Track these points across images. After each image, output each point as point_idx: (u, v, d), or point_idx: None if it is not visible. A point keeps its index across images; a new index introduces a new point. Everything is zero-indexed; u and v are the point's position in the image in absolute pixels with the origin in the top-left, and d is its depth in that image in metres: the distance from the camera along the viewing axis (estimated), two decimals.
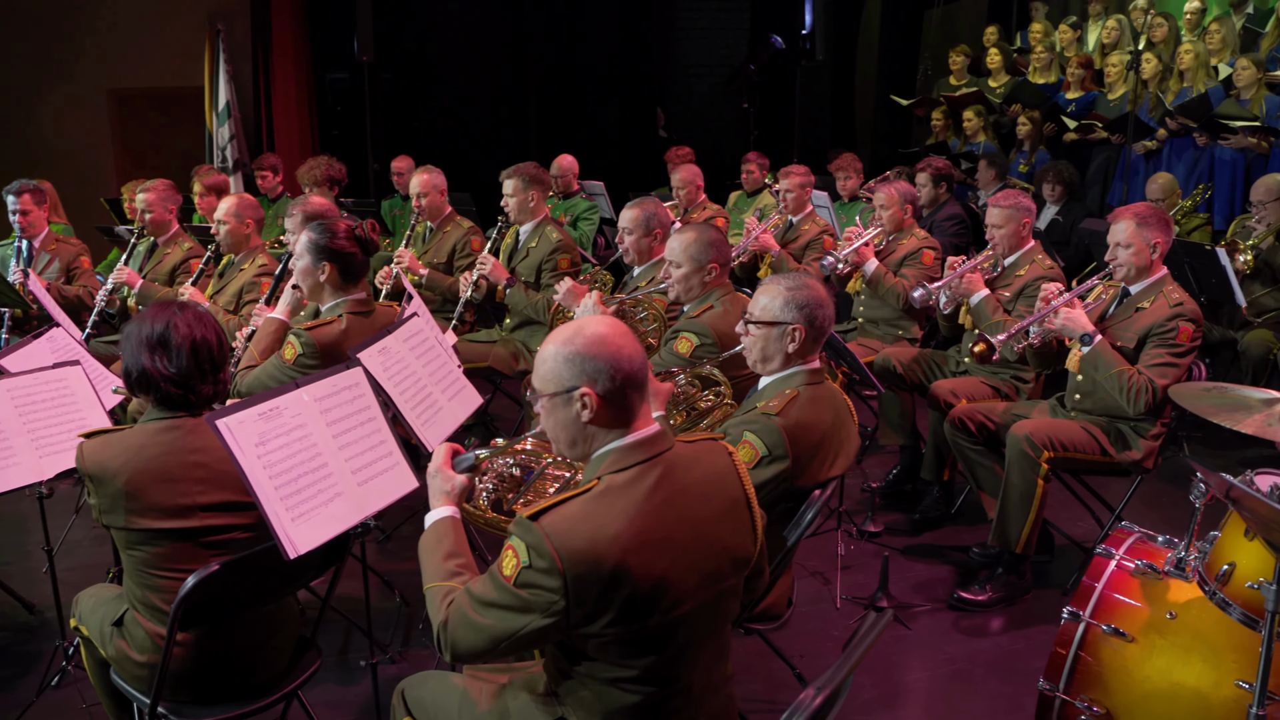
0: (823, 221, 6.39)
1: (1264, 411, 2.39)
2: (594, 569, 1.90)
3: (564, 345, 2.05)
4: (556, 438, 2.12)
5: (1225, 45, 7.49)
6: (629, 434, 2.06)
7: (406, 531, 4.59)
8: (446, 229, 5.70)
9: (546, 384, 2.07)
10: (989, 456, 4.26)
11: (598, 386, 2.02)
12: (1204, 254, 5.27)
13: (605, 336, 2.05)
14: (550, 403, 2.08)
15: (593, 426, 2.05)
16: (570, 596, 1.90)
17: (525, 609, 1.94)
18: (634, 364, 2.05)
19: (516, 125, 10.52)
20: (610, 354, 2.03)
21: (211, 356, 2.61)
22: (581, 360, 2.03)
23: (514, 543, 1.96)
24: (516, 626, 1.96)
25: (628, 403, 2.05)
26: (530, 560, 1.92)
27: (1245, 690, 2.56)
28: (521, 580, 1.93)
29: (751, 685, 3.53)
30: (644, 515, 1.97)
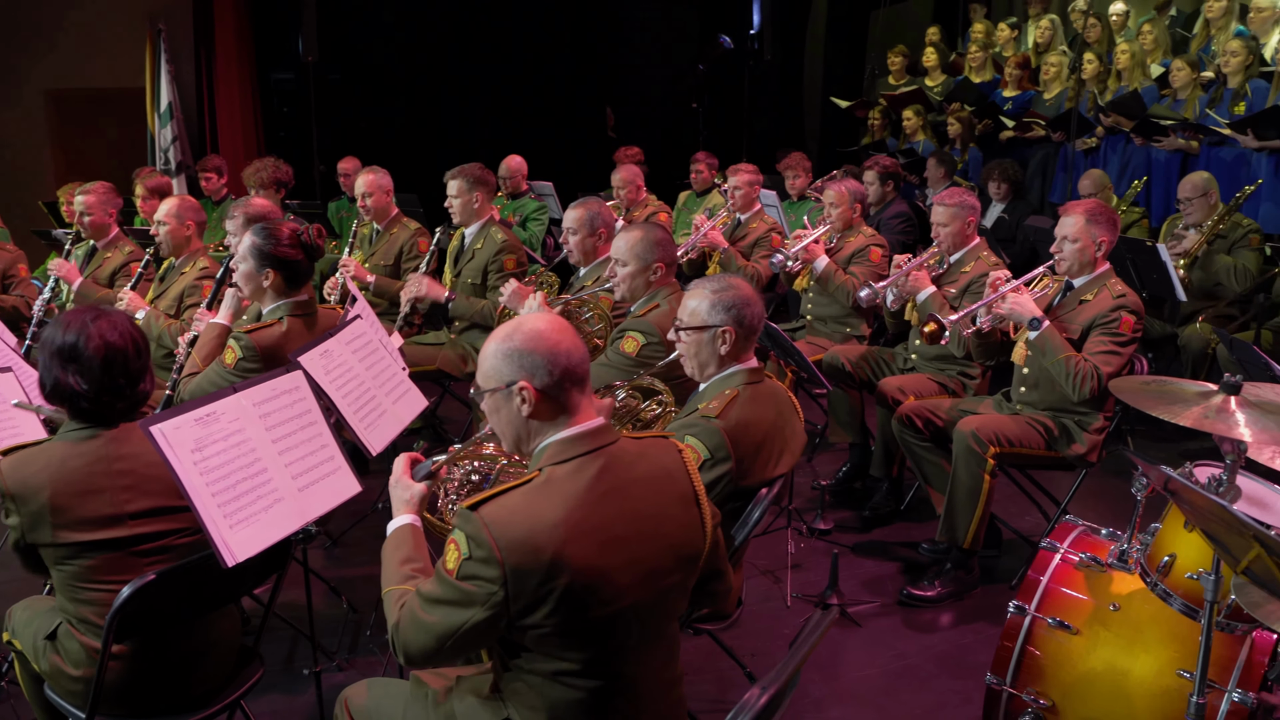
0: (770, 220, 6.41)
1: (1201, 404, 2.41)
2: (532, 558, 1.90)
3: (503, 342, 2.09)
4: (502, 434, 2.15)
5: (1158, 45, 7.65)
6: (570, 427, 2.07)
7: (355, 537, 4.53)
8: (393, 230, 5.64)
9: (488, 381, 2.11)
10: (936, 453, 4.29)
11: (536, 380, 2.05)
12: (1145, 250, 5.34)
13: (542, 332, 2.08)
14: (493, 400, 2.11)
15: (534, 421, 2.08)
16: (509, 587, 1.91)
17: (467, 603, 1.94)
18: (572, 358, 2.07)
19: (464, 126, 10.45)
20: (548, 348, 2.06)
21: (126, 369, 2.53)
22: (519, 355, 2.06)
23: (455, 535, 1.96)
24: (460, 622, 1.95)
25: (567, 396, 2.07)
26: (470, 551, 1.93)
27: (1187, 679, 2.59)
28: (463, 572, 1.94)
29: (702, 685, 3.52)
30: (584, 506, 1.98)
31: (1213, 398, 2.43)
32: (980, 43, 9.13)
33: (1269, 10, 6.87)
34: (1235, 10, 7.28)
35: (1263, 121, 6.17)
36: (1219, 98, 6.75)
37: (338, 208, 8.02)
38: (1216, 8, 7.26)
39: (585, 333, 4.15)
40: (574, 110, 10.88)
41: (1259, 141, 6.29)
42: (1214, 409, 2.39)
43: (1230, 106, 6.63)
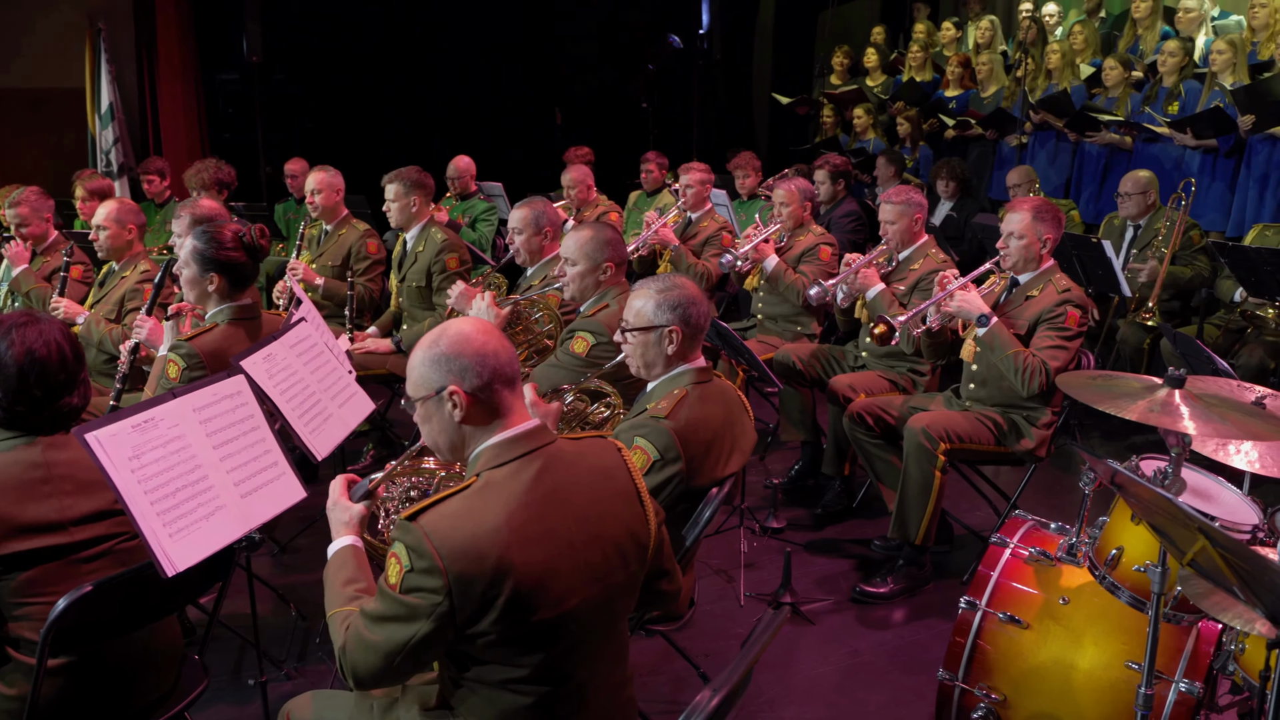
0: (721, 219, 6.41)
1: (1146, 398, 2.43)
2: (476, 565, 1.87)
3: (429, 349, 2.07)
4: (436, 444, 2.12)
5: (1088, 46, 7.82)
6: (505, 430, 2.05)
7: (302, 544, 4.47)
8: (342, 231, 5.56)
9: (417, 390, 2.09)
10: (888, 450, 4.30)
11: (465, 384, 2.02)
12: (1091, 246, 5.41)
13: (468, 334, 2.06)
14: (424, 408, 2.08)
15: (467, 426, 2.05)
16: (454, 596, 1.87)
17: (412, 616, 1.90)
18: (500, 358, 2.05)
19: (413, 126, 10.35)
20: (474, 351, 2.03)
21: (45, 380, 2.44)
22: (446, 360, 2.04)
23: (395, 548, 1.92)
24: (406, 637, 1.91)
25: (498, 398, 2.05)
26: (411, 563, 1.89)
27: (1135, 670, 2.62)
28: (405, 585, 1.90)
29: (656, 686, 3.50)
30: (525, 508, 1.95)
31: (1157, 392, 2.45)
32: (921, 43, 9.24)
33: (1195, 12, 7.01)
34: (1160, 11, 7.45)
35: (1201, 121, 6.29)
36: (1154, 96, 6.87)
37: (284, 210, 7.91)
38: (1143, 8, 7.45)
39: (535, 333, 4.12)
40: (523, 110, 10.82)
41: (1196, 140, 6.40)
42: (1159, 403, 2.41)
43: (1165, 105, 6.75)
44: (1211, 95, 6.41)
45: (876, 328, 4.16)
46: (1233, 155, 6.36)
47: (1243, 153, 6.29)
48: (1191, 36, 7.04)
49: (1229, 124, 6.15)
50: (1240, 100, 6.01)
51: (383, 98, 10.41)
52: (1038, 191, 6.70)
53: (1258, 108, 5.92)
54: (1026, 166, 6.94)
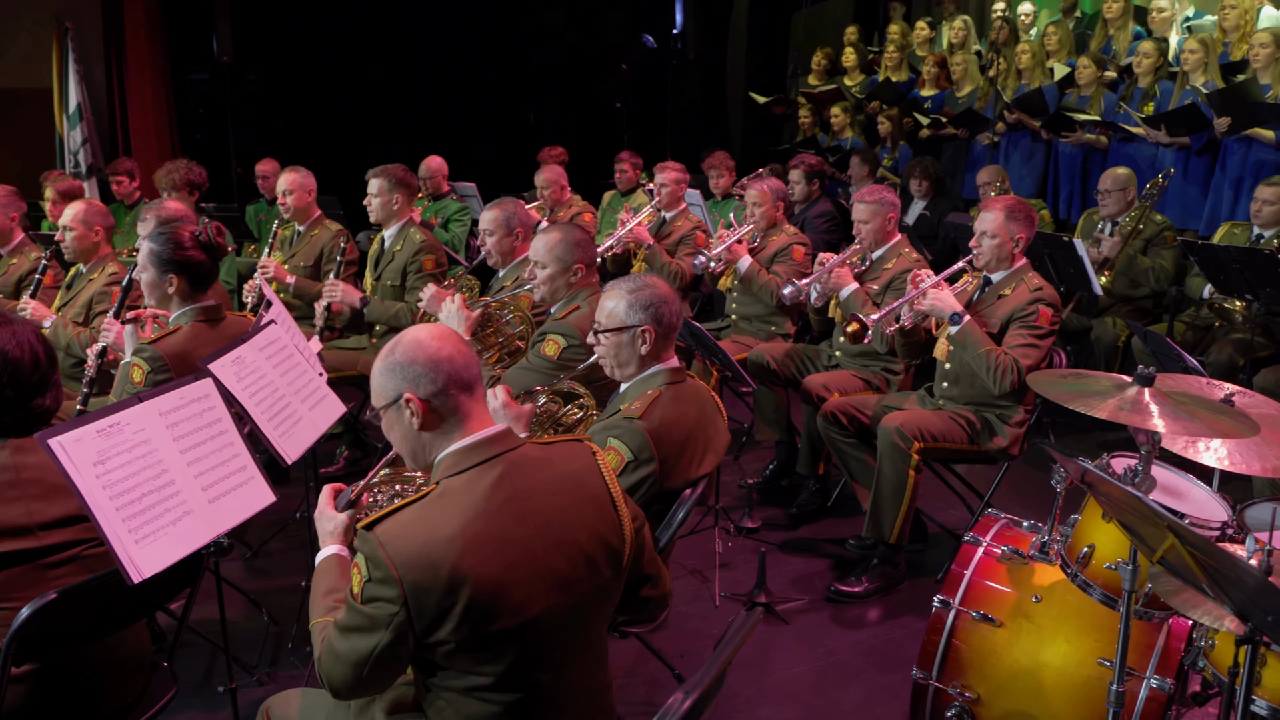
0: (695, 218, 6.41)
1: (1116, 397, 2.44)
2: (430, 574, 1.86)
3: (385, 359, 2.08)
4: (401, 451, 2.12)
5: (1062, 46, 7.85)
6: (465, 436, 2.04)
7: (275, 547, 4.43)
8: (314, 232, 5.52)
9: (378, 399, 2.09)
10: (861, 449, 4.31)
11: (419, 390, 2.02)
12: (1063, 245, 5.43)
13: (421, 341, 2.05)
14: (386, 418, 2.09)
15: (426, 433, 2.05)
16: (410, 606, 1.86)
17: (372, 627, 1.90)
18: (455, 364, 2.04)
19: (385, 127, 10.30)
20: (428, 357, 2.03)
21: (17, 381, 2.42)
22: (400, 368, 2.04)
23: (357, 559, 1.92)
24: (369, 648, 1.91)
25: (455, 404, 2.04)
26: (369, 572, 1.89)
27: (1107, 668, 2.64)
28: (365, 595, 1.90)
29: (632, 688, 3.49)
30: (482, 516, 1.93)
31: (1127, 390, 2.46)
32: (897, 43, 9.27)
33: (1168, 12, 7.07)
34: (1131, 11, 7.51)
35: (1175, 119, 6.33)
36: (1129, 96, 6.92)
37: (256, 211, 7.85)
38: (1115, 8, 7.50)
39: (507, 335, 4.10)
40: (496, 110, 10.79)
41: (1170, 138, 6.45)
42: (1129, 401, 2.42)
43: (1140, 105, 6.80)
44: (1184, 94, 6.46)
45: (849, 326, 4.17)
46: (1205, 154, 6.41)
47: (1216, 152, 6.34)
48: (1165, 36, 7.09)
49: (1203, 122, 6.19)
50: (1216, 102, 6.05)
51: (355, 97, 10.36)
52: (1008, 190, 6.75)
53: (1234, 110, 5.95)
54: (997, 165, 6.98)
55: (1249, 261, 4.77)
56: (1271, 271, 4.67)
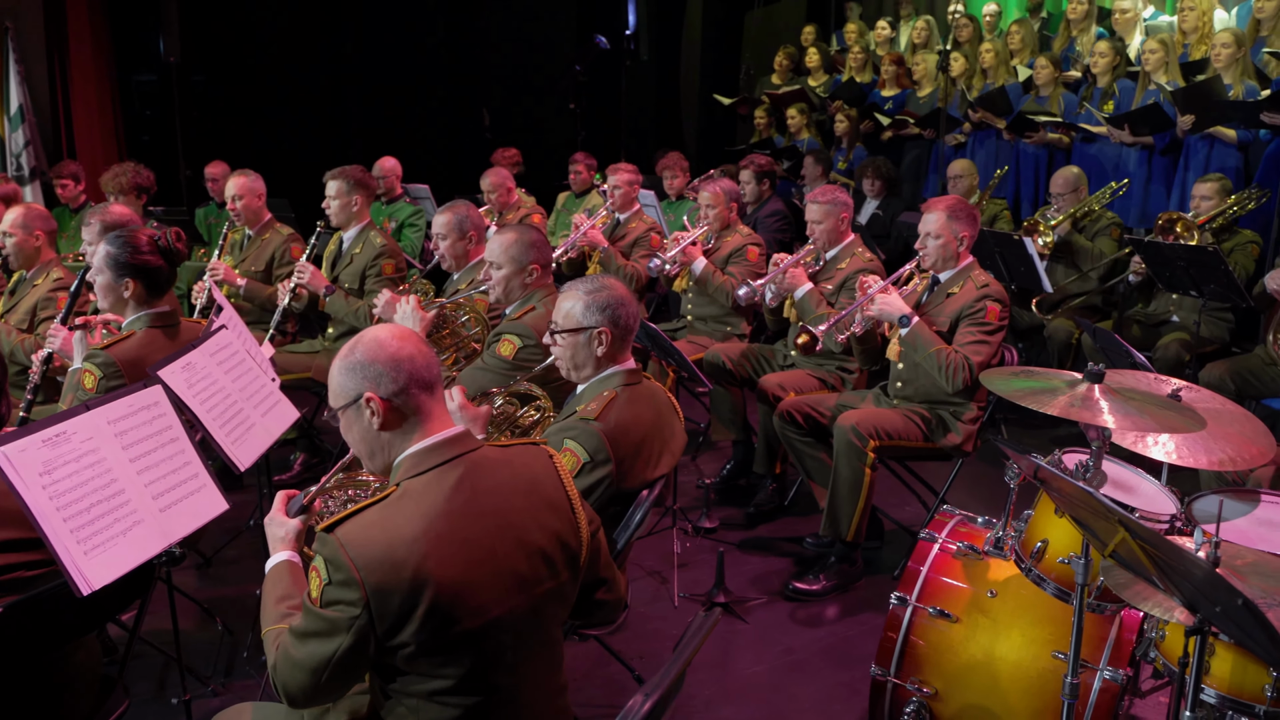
0: (649, 219, 6.41)
1: (1067, 393, 2.48)
2: (393, 575, 1.84)
3: (344, 358, 2.06)
4: (360, 452, 2.11)
5: (1025, 46, 7.93)
6: (425, 437, 2.03)
7: (228, 555, 4.37)
8: (265, 236, 5.46)
9: (337, 399, 2.07)
10: (818, 447, 4.34)
11: (380, 390, 2.01)
12: (1012, 243, 5.50)
13: (382, 340, 2.04)
14: (345, 417, 2.07)
15: (385, 433, 2.04)
16: (372, 608, 1.84)
17: (332, 631, 1.87)
18: (416, 363, 2.04)
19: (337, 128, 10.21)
20: (388, 356, 2.02)
21: None
22: (361, 367, 2.03)
23: (316, 562, 1.89)
24: (329, 652, 1.88)
25: (416, 404, 2.03)
26: (329, 575, 1.86)
27: (1061, 660, 2.67)
28: (325, 598, 1.87)
29: (591, 690, 3.48)
30: (444, 517, 1.92)
31: (1078, 386, 2.50)
32: (859, 43, 9.31)
33: (1131, 13, 7.18)
34: (1094, 13, 7.61)
35: (1138, 118, 6.41)
36: (1089, 96, 7.01)
37: (205, 214, 7.75)
38: (1078, 10, 7.58)
39: (462, 336, 4.08)
40: (449, 111, 10.73)
41: (1133, 137, 6.54)
42: (1079, 397, 2.45)
43: (1100, 104, 6.89)
44: (1146, 94, 6.53)
45: (800, 338, 4.21)
46: (1169, 153, 6.49)
47: (1179, 151, 6.43)
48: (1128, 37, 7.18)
49: (1166, 121, 6.27)
50: (1181, 101, 6.13)
51: (306, 98, 10.25)
52: (974, 187, 6.84)
53: (1197, 108, 6.04)
54: (968, 161, 7.05)
55: (1193, 258, 4.85)
56: (1215, 268, 4.76)
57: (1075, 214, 6.07)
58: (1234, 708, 2.25)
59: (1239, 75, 6.03)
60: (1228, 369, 4.76)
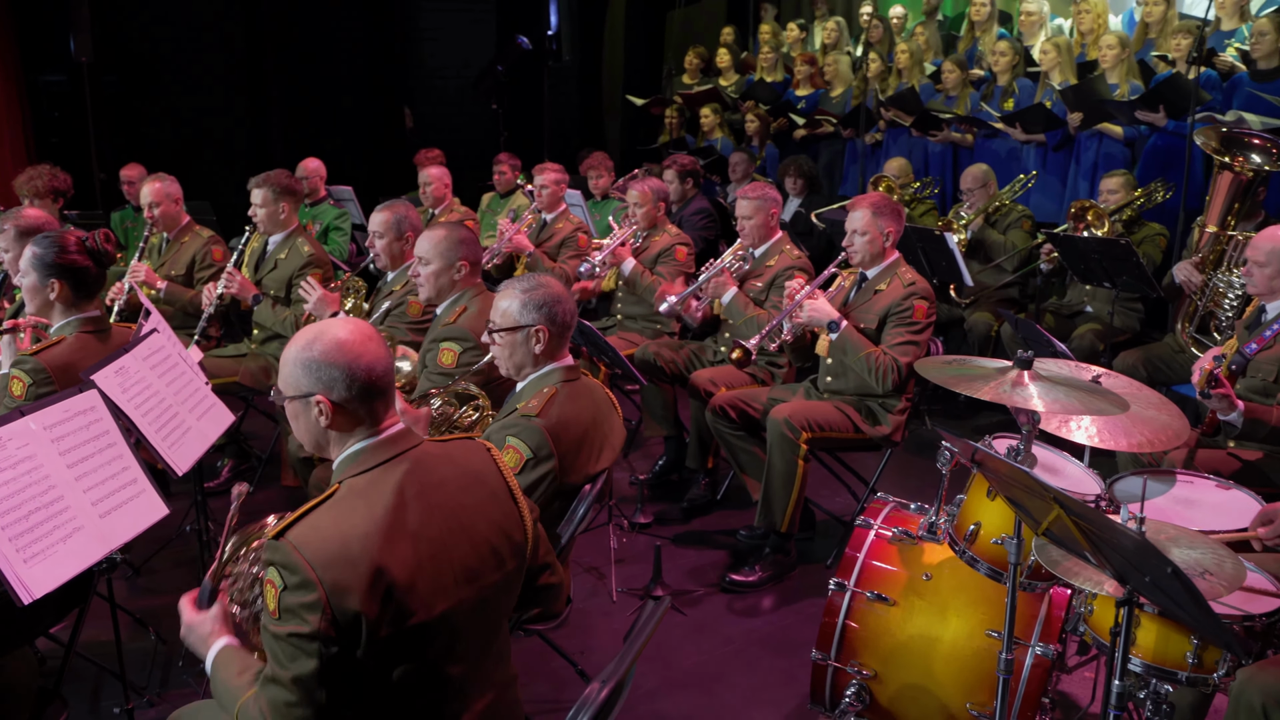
0: (577, 219, 6.44)
1: (998, 379, 2.57)
2: (350, 571, 1.84)
3: (303, 350, 2.04)
4: (302, 439, 2.10)
5: (930, 47, 8.19)
6: (372, 436, 2.04)
7: (158, 565, 4.30)
8: (184, 239, 5.37)
9: (286, 387, 2.07)
10: (750, 441, 4.40)
11: (333, 394, 2.01)
12: (934, 239, 5.65)
13: (344, 342, 2.03)
14: (292, 406, 2.07)
15: (333, 431, 2.04)
16: (332, 607, 1.82)
17: (300, 650, 1.83)
18: (374, 371, 2.03)
19: (256, 129, 10.03)
20: (347, 360, 2.01)
21: None
22: (318, 367, 2.01)
23: (269, 573, 1.86)
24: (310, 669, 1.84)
25: (368, 408, 2.03)
26: (284, 581, 1.83)
27: (995, 638, 2.77)
28: (284, 606, 1.83)
29: (535, 687, 3.50)
30: (394, 512, 1.94)
31: (1008, 373, 2.59)
32: (770, 44, 9.46)
33: (1036, 15, 7.42)
34: (996, 14, 7.86)
35: (1029, 116, 6.64)
36: (990, 94, 7.23)
37: (122, 217, 7.55)
38: (981, 11, 7.83)
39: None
40: (371, 112, 10.61)
41: (1026, 135, 6.77)
42: (1009, 383, 2.54)
43: (1000, 102, 7.11)
44: (1045, 93, 6.78)
45: (734, 353, 4.28)
46: (1061, 149, 6.74)
47: (1072, 147, 6.67)
48: (1032, 38, 7.43)
49: (1055, 120, 6.52)
50: (1068, 99, 6.38)
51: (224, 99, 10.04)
52: (909, 183, 7.01)
53: (1084, 106, 6.28)
54: (903, 160, 7.22)
55: (1106, 251, 5.03)
56: (1127, 260, 4.94)
57: (987, 209, 6.27)
58: (1158, 675, 2.36)
59: (1124, 75, 6.31)
60: (1140, 357, 4.95)
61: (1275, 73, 5.64)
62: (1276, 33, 5.61)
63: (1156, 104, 5.88)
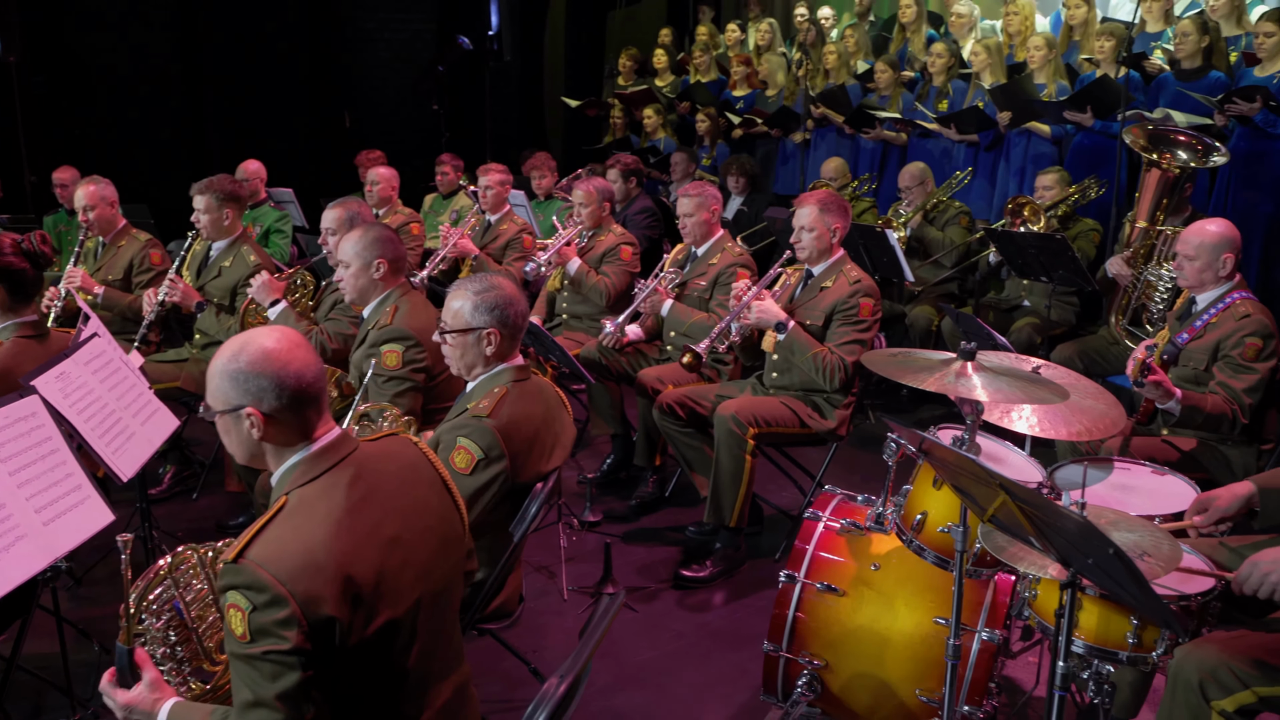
0: (521, 220, 6.44)
1: (943, 370, 2.62)
2: (319, 579, 1.83)
3: (228, 362, 1.99)
4: (235, 453, 2.07)
5: (859, 48, 8.33)
6: (310, 445, 2.01)
7: (100, 575, 4.21)
8: (121, 243, 5.28)
9: (215, 401, 2.02)
10: (698, 438, 4.44)
11: (263, 405, 1.97)
12: (875, 235, 5.73)
13: (271, 351, 1.98)
14: (222, 421, 2.02)
15: (267, 443, 2.00)
16: (306, 618, 1.80)
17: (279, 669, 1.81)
18: (304, 378, 1.99)
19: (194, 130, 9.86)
20: (275, 370, 1.97)
21: None
22: (245, 378, 1.97)
23: (231, 597, 1.82)
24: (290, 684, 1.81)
25: (300, 417, 2.00)
26: (252, 602, 1.80)
27: (943, 625, 2.82)
28: (254, 627, 1.80)
29: (488, 686, 3.50)
30: (349, 515, 1.93)
31: (953, 364, 2.65)
32: (704, 45, 9.54)
33: (966, 17, 7.57)
34: (925, 16, 8.02)
35: (964, 118, 6.77)
36: (925, 95, 7.36)
37: (55, 221, 7.38)
38: (909, 13, 7.98)
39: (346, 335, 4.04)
40: (311, 113, 10.49)
41: (960, 135, 6.89)
42: (954, 374, 2.60)
43: (936, 103, 7.24)
44: (976, 94, 6.93)
45: (684, 358, 4.31)
46: (993, 149, 6.88)
47: (1002, 146, 6.81)
48: (963, 40, 7.57)
49: (988, 121, 6.66)
50: (998, 99, 6.52)
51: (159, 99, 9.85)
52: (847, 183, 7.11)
53: (1013, 105, 6.42)
54: (841, 160, 7.32)
55: (1043, 245, 5.14)
56: (1063, 254, 5.05)
57: (925, 206, 6.38)
58: (1100, 655, 2.42)
59: (1052, 75, 6.49)
60: (1076, 349, 5.06)
61: (1199, 71, 5.82)
62: (1199, 33, 5.80)
63: (1084, 105, 6.03)
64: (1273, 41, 5.51)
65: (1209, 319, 3.80)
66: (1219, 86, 5.71)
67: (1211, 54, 5.87)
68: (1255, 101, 5.30)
